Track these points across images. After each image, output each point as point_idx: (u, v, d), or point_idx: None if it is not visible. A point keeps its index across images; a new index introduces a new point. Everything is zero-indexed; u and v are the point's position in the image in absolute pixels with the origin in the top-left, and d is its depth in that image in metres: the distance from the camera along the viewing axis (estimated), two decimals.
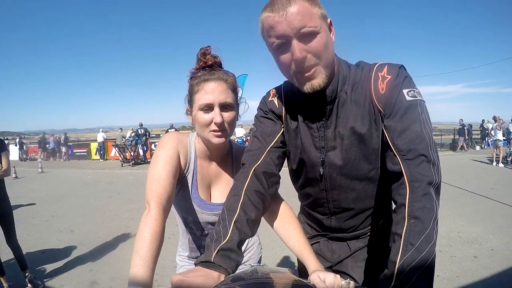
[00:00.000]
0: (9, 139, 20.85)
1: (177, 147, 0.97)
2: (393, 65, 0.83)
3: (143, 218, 0.79)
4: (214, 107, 0.92)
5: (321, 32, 0.76)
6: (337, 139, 0.87)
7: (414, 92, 0.78)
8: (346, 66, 0.87)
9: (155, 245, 0.73)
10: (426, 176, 0.71)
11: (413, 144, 0.74)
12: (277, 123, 0.95)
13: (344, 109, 0.85)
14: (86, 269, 3.21)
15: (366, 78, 0.84)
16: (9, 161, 2.72)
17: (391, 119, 0.79)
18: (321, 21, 0.76)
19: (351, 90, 0.85)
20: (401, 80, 0.79)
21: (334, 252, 1.06)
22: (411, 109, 0.77)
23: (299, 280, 0.61)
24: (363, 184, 0.92)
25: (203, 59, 0.97)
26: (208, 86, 0.92)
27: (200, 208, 1.02)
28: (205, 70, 0.96)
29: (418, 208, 0.68)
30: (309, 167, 0.94)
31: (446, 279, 2.78)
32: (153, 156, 0.95)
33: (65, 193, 7.32)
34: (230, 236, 0.75)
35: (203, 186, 1.03)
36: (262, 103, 1.00)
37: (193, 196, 1.01)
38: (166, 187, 0.86)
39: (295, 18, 0.73)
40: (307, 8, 0.74)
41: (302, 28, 0.74)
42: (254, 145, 0.93)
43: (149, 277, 0.68)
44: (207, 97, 0.92)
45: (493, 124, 11.09)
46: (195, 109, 0.95)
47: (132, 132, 14.03)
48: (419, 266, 0.63)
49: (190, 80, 0.97)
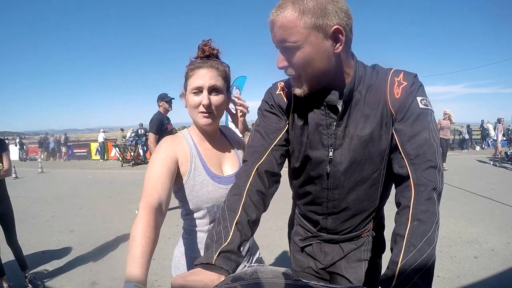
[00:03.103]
0: (9, 139, 20.85)
1: (171, 145, 1.01)
2: (409, 73, 0.85)
3: (135, 219, 0.81)
4: (203, 90, 1.00)
5: (304, 46, 0.75)
6: (346, 138, 0.87)
7: (426, 101, 0.81)
8: (362, 68, 0.88)
9: (143, 243, 0.74)
10: (431, 181, 0.73)
11: (421, 149, 0.76)
12: (282, 119, 0.94)
13: (357, 109, 0.86)
14: (86, 269, 3.21)
15: (382, 81, 0.85)
16: (10, 161, 2.72)
17: (403, 123, 0.81)
18: (309, 35, 0.74)
19: (365, 91, 0.86)
20: (416, 88, 0.82)
21: (327, 254, 1.06)
22: (422, 116, 0.79)
23: (299, 280, 0.61)
24: (365, 185, 0.92)
25: (201, 50, 1.06)
26: (200, 72, 1.01)
27: (218, 183, 1.05)
28: (201, 59, 1.05)
29: (422, 211, 0.69)
30: (314, 165, 0.93)
31: (447, 279, 2.78)
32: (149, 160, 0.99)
33: (65, 193, 7.32)
34: (232, 238, 0.75)
35: (213, 164, 1.07)
36: (268, 95, 0.98)
37: (209, 175, 1.04)
38: (157, 187, 0.88)
39: (277, 31, 0.76)
40: (292, 21, 0.73)
41: (282, 43, 0.77)
42: (256, 141, 0.92)
43: (142, 274, 0.69)
44: (198, 81, 1.00)
45: (496, 125, 11.16)
46: (187, 92, 1.04)
47: (132, 133, 14.04)
48: (420, 267, 0.63)
49: (187, 67, 1.06)
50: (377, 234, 1.06)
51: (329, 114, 0.87)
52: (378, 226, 1.06)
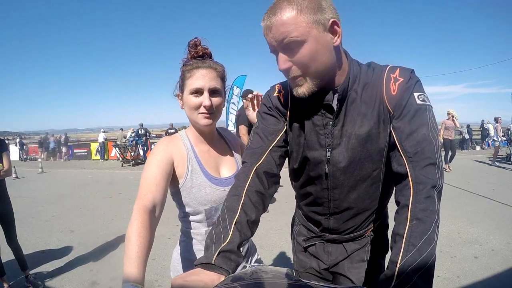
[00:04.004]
0: (9, 139, 20.84)
1: (168, 146, 1.01)
2: (405, 68, 0.84)
3: (130, 221, 0.81)
4: (204, 92, 1.00)
5: (308, 41, 0.74)
6: (343, 137, 0.87)
7: (424, 96, 0.80)
8: (357, 66, 0.87)
9: (138, 244, 0.75)
10: (430, 179, 0.72)
11: (420, 146, 0.75)
12: (280, 121, 0.94)
13: (353, 108, 0.85)
14: (86, 269, 3.21)
15: (378, 79, 0.84)
16: (10, 161, 2.72)
17: (400, 120, 0.80)
18: (311, 29, 0.73)
19: (361, 89, 0.85)
20: (412, 84, 0.80)
21: (330, 254, 1.05)
22: (420, 112, 0.78)
23: (299, 279, 0.61)
24: (365, 184, 0.91)
25: (194, 50, 1.04)
26: (199, 73, 1.00)
27: (216, 185, 1.05)
28: (196, 59, 1.03)
29: (421, 210, 0.69)
30: (313, 165, 0.93)
31: (447, 279, 2.78)
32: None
33: (65, 193, 7.32)
34: (231, 237, 0.75)
35: (210, 167, 1.07)
36: (266, 98, 0.99)
37: (206, 177, 1.04)
38: (152, 189, 0.89)
39: (277, 30, 0.73)
40: (293, 17, 0.72)
41: (284, 39, 0.74)
42: (255, 142, 0.93)
43: (139, 274, 0.70)
44: (198, 82, 0.99)
45: (494, 125, 11.08)
46: (186, 93, 1.02)
47: (133, 132, 14.04)
48: (420, 267, 0.63)
49: (183, 67, 1.04)
50: (381, 234, 1.05)
51: (325, 114, 0.87)
52: (381, 226, 1.06)
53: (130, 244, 0.74)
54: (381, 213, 1.02)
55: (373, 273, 1.02)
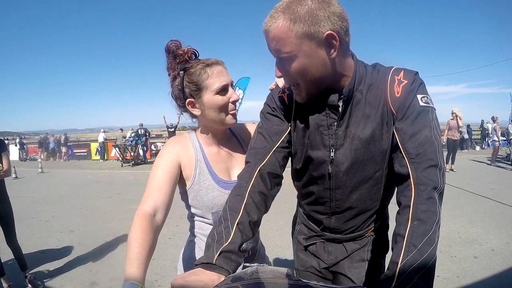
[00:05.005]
0: (9, 139, 20.83)
1: (174, 148, 0.99)
2: (409, 70, 0.84)
3: (131, 226, 0.82)
4: (228, 87, 0.97)
5: (299, 56, 0.74)
6: (347, 138, 0.87)
7: (427, 98, 0.80)
8: (363, 67, 0.87)
9: (138, 245, 0.76)
10: (432, 180, 0.72)
11: (422, 148, 0.75)
12: (284, 122, 0.94)
13: (358, 109, 0.85)
14: (86, 269, 3.21)
15: (383, 80, 0.84)
16: (10, 161, 2.72)
17: (403, 122, 0.80)
18: (301, 44, 0.73)
19: (366, 90, 0.85)
20: (416, 86, 0.81)
21: (330, 253, 1.06)
22: (423, 114, 0.78)
23: (299, 280, 0.61)
24: (367, 185, 0.92)
25: (181, 52, 0.97)
26: (216, 70, 0.95)
27: (224, 188, 1.02)
28: (192, 60, 0.98)
29: (422, 211, 0.69)
30: (316, 165, 0.93)
31: (446, 279, 2.78)
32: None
33: (65, 193, 7.32)
34: (233, 238, 0.75)
35: (219, 169, 1.04)
36: (270, 98, 0.98)
37: (214, 180, 1.02)
38: (153, 194, 0.88)
39: (271, 42, 0.76)
40: (284, 31, 0.72)
41: (277, 53, 0.76)
42: (259, 143, 0.92)
43: (139, 273, 0.71)
44: (222, 79, 0.95)
45: (492, 124, 11.05)
46: (209, 95, 0.95)
47: (132, 133, 14.03)
48: (420, 267, 0.63)
49: (187, 73, 0.96)
50: (381, 234, 1.06)
51: (329, 114, 0.87)
52: (382, 226, 1.06)
53: (130, 247, 0.76)
54: (382, 214, 1.03)
55: (373, 273, 1.02)
